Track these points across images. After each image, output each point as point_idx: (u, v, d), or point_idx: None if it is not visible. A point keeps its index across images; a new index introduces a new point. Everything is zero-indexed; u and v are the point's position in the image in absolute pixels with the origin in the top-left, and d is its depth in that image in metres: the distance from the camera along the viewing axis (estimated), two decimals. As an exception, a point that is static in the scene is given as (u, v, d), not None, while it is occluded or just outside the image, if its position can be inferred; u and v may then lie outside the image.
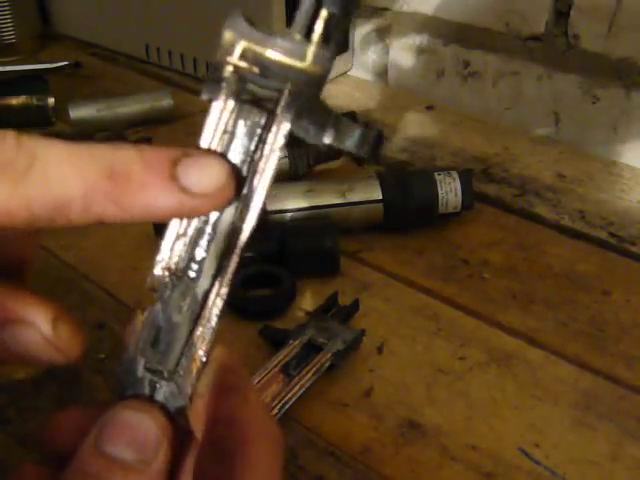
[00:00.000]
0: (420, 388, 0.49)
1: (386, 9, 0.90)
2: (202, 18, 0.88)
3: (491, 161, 0.77)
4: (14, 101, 0.80)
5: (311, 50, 0.21)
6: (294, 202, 0.61)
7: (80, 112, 0.79)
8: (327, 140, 0.22)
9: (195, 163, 0.21)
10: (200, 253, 0.23)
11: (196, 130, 0.23)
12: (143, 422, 0.23)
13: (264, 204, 0.23)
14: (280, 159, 0.22)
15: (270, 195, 0.23)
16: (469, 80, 0.86)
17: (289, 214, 0.61)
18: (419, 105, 0.89)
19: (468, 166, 0.74)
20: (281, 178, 0.67)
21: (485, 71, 0.84)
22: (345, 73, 0.96)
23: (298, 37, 0.21)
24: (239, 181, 0.22)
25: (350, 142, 0.22)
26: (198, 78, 0.93)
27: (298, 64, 0.21)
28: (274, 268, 0.57)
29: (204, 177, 0.21)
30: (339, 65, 0.94)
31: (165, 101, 0.82)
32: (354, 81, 0.95)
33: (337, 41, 0.21)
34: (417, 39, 0.89)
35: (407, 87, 0.92)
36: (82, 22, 1.05)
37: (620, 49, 0.73)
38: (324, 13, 0.21)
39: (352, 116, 0.75)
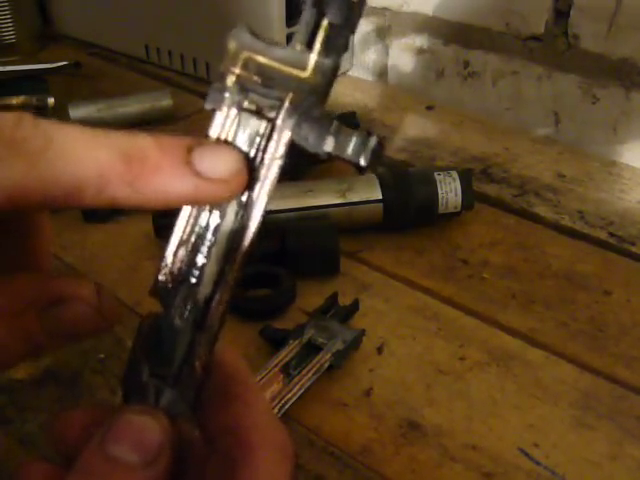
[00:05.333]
0: (420, 388, 0.49)
1: (386, 9, 0.90)
2: (202, 18, 0.88)
3: (491, 161, 0.77)
4: (14, 101, 0.80)
5: (312, 60, 0.22)
6: (294, 202, 0.61)
7: (80, 112, 0.79)
8: (327, 149, 0.22)
9: (209, 150, 0.22)
10: (201, 259, 0.23)
11: (196, 130, 0.23)
12: (147, 425, 0.23)
13: (266, 211, 0.23)
14: (281, 166, 0.23)
15: (272, 201, 0.23)
16: (469, 80, 0.86)
17: (289, 214, 0.61)
18: (419, 105, 0.89)
19: (468, 166, 0.74)
20: (281, 178, 0.67)
21: (485, 71, 0.84)
22: (345, 73, 0.96)
23: (299, 47, 0.22)
24: (250, 170, 0.23)
25: (350, 150, 0.22)
26: (198, 78, 0.93)
27: (299, 73, 0.22)
28: (274, 268, 0.57)
29: (218, 163, 0.22)
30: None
31: (165, 101, 0.82)
32: (354, 81, 0.95)
33: (339, 51, 0.22)
34: (417, 39, 0.89)
35: (407, 87, 0.92)
36: (82, 22, 1.05)
37: (620, 49, 0.73)
38: (325, 23, 0.21)
39: (352, 116, 0.75)
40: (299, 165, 0.68)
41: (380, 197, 0.62)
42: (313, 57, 0.22)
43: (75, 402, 0.47)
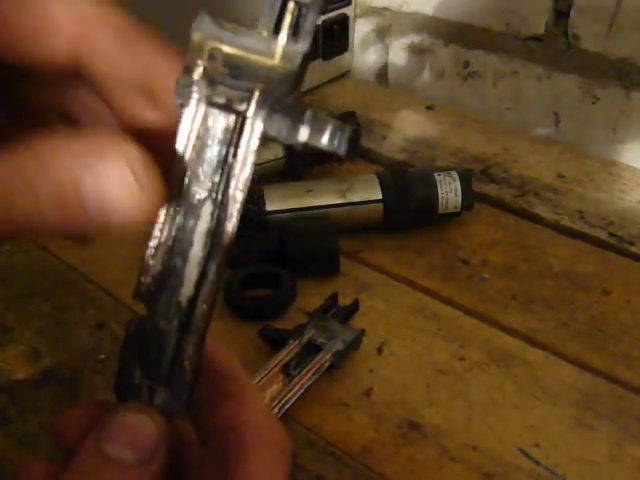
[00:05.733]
0: (420, 388, 0.49)
1: (386, 9, 0.90)
2: (202, 18, 0.88)
3: (491, 161, 0.77)
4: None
5: (280, 46, 0.21)
6: (294, 202, 0.61)
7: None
8: (302, 139, 0.21)
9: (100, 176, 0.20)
10: (179, 261, 0.23)
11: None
12: (142, 423, 0.23)
13: (244, 207, 0.22)
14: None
15: (250, 197, 0.22)
16: (469, 80, 0.86)
17: (289, 214, 0.61)
18: (419, 105, 0.89)
19: (468, 166, 0.74)
20: (281, 178, 0.67)
21: (485, 71, 0.84)
22: (345, 73, 0.96)
23: (265, 33, 0.21)
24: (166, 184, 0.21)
25: (325, 140, 0.21)
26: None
27: (267, 61, 0.21)
28: (274, 268, 0.57)
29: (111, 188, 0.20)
30: (339, 65, 0.94)
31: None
32: (354, 81, 0.95)
33: (308, 34, 0.20)
34: (417, 39, 0.89)
35: (407, 87, 0.92)
36: (82, 22, 1.05)
37: (620, 49, 0.73)
38: (291, 5, 0.20)
39: (352, 116, 0.75)
40: (299, 165, 0.68)
41: (380, 197, 0.62)
42: (281, 43, 0.21)
43: (75, 402, 0.47)
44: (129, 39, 0.22)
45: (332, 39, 0.88)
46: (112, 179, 0.20)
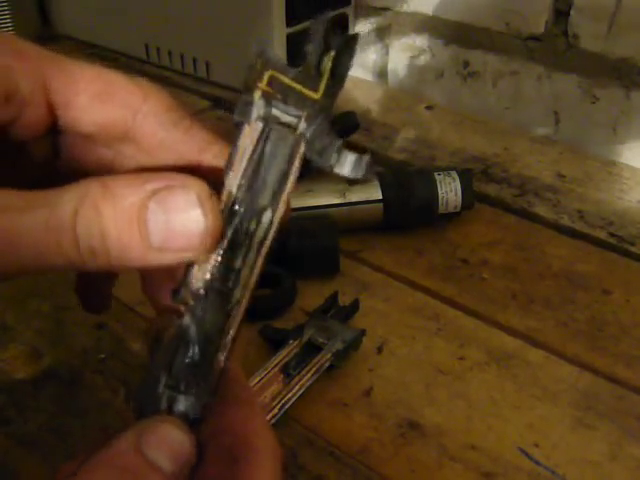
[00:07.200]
0: (420, 388, 0.49)
1: (386, 9, 0.90)
2: (202, 18, 0.88)
3: (491, 161, 0.77)
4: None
5: (323, 83, 0.24)
6: (294, 202, 0.61)
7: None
8: (331, 164, 0.25)
9: (168, 209, 0.21)
10: (238, 263, 0.25)
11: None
12: (183, 441, 0.24)
13: (280, 219, 0.25)
14: (296, 177, 0.25)
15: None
16: (469, 80, 0.86)
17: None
18: (419, 105, 0.89)
19: (468, 166, 0.74)
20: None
21: (485, 71, 0.84)
22: (345, 73, 0.96)
23: (313, 71, 0.24)
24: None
25: (347, 168, 0.25)
26: (198, 78, 0.93)
27: (313, 95, 0.24)
28: (274, 268, 0.57)
29: (180, 229, 0.21)
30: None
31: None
32: (354, 81, 0.95)
33: (341, 77, 0.24)
34: (417, 39, 0.89)
35: (407, 87, 0.92)
36: (82, 22, 1.05)
37: (620, 49, 0.73)
38: (332, 54, 0.24)
39: (351, 116, 0.75)
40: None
41: (380, 197, 0.62)
42: (323, 81, 0.24)
43: (75, 402, 0.47)
44: (182, 116, 0.25)
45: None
46: (180, 209, 0.21)
